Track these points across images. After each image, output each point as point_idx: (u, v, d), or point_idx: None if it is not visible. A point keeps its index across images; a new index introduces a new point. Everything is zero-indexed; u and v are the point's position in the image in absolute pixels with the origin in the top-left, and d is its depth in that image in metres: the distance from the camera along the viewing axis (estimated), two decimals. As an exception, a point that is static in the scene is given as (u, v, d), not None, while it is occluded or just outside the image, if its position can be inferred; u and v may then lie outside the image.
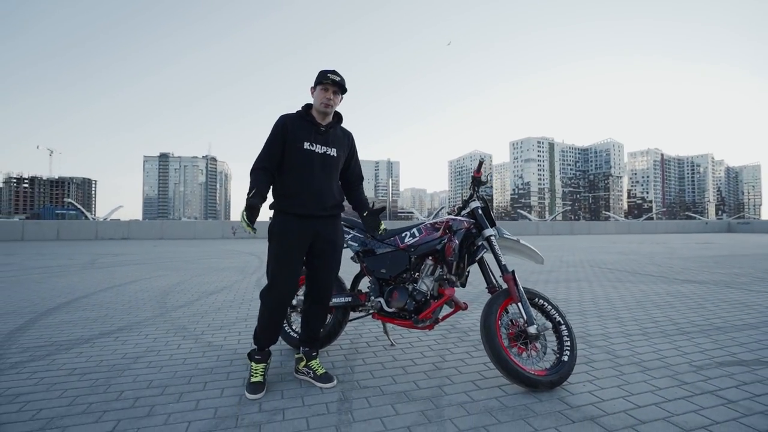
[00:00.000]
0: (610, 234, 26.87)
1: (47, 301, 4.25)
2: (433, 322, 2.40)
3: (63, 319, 3.47)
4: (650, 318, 3.53)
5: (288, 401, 1.92)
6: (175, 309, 3.90)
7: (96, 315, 3.64)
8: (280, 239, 2.12)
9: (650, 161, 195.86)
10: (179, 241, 15.76)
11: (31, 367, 2.34)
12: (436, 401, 1.92)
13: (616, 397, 1.95)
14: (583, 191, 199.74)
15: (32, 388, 2.04)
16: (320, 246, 2.18)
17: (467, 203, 2.49)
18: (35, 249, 11.58)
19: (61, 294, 4.64)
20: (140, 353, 2.59)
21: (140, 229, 18.96)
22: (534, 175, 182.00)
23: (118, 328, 3.19)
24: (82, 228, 18.10)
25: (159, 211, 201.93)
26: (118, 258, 9.06)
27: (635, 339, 2.92)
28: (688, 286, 5.17)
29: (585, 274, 6.52)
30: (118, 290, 4.92)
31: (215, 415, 1.77)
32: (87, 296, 4.53)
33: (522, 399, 1.94)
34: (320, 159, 2.16)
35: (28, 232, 16.91)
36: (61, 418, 1.74)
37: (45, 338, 2.91)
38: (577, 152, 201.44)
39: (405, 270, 2.45)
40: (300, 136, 2.13)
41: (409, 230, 2.52)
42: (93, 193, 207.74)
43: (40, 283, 5.41)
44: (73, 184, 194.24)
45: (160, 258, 9.08)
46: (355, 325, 3.30)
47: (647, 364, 2.42)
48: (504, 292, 2.23)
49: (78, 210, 40.14)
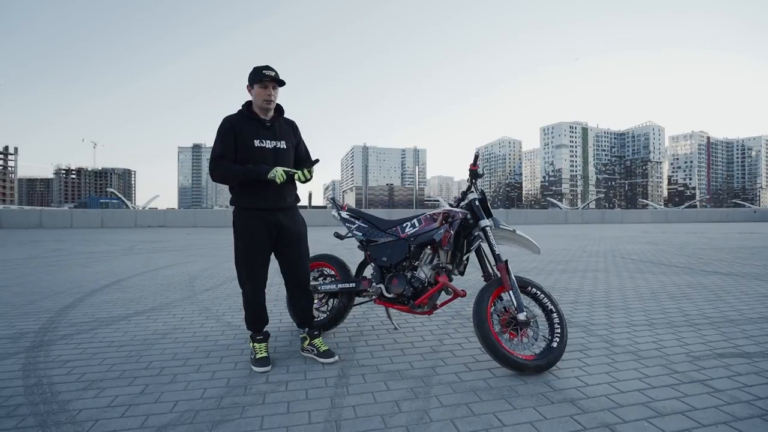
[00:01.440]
0: (644, 223, 25.73)
1: (91, 283, 4.71)
2: (431, 308, 2.54)
3: (104, 299, 3.86)
4: (661, 309, 3.51)
5: (292, 375, 2.13)
6: (202, 292, 4.23)
7: (132, 296, 4.02)
8: (246, 234, 2.25)
9: (694, 145, 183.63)
10: (211, 229, 16.57)
11: (77, 339, 2.68)
12: (427, 380, 2.07)
13: (601, 383, 2.03)
14: (619, 178, 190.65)
15: (78, 356, 2.37)
16: (286, 237, 2.32)
17: (465, 195, 2.58)
18: (82, 236, 12.57)
19: (103, 277, 5.12)
20: (168, 330, 2.89)
21: (175, 218, 20.03)
22: (566, 162, 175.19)
23: (150, 308, 3.54)
24: (123, 217, 19.35)
25: (193, 200, 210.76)
26: (154, 245, 9.71)
27: (638, 329, 2.94)
28: (712, 278, 5.02)
29: (605, 264, 6.41)
30: (152, 274, 5.36)
31: (227, 384, 2.01)
32: (125, 279, 4.97)
33: (508, 381, 2.06)
34: (272, 154, 2.25)
35: (76, 220, 18.27)
36: (100, 381, 2.03)
37: (89, 315, 3.29)
38: (612, 137, 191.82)
39: (405, 258, 2.59)
40: (249, 135, 2.21)
41: (410, 221, 2.65)
42: (133, 183, 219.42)
43: (85, 267, 5.95)
44: (115, 174, 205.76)
45: (192, 245, 9.65)
46: (363, 309, 3.49)
47: (643, 353, 2.46)
48: (497, 281, 2.33)
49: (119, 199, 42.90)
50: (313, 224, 16.20)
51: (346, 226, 2.85)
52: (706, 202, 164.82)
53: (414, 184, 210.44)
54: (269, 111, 2.29)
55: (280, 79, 2.22)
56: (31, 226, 17.42)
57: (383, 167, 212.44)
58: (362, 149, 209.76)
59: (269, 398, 1.87)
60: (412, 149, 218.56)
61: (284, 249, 2.36)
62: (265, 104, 2.23)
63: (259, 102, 2.24)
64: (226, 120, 2.24)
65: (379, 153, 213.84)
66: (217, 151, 2.21)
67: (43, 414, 1.71)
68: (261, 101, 2.23)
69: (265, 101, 2.22)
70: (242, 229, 2.27)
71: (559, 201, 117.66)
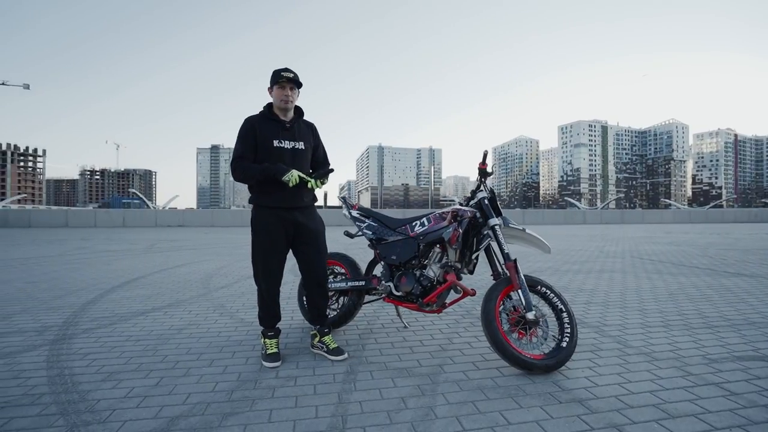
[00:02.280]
0: (666, 223, 24.98)
1: (112, 280, 4.89)
2: (440, 306, 2.55)
3: (124, 296, 4.00)
4: (678, 311, 3.42)
5: (301, 371, 2.17)
6: (217, 290, 4.33)
7: (150, 293, 4.15)
8: (263, 232, 2.31)
9: (720, 143, 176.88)
10: (228, 229, 16.89)
11: (97, 333, 2.79)
12: (434, 378, 2.08)
13: (611, 384, 2.00)
14: (640, 177, 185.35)
15: (98, 349, 2.46)
16: (304, 235, 2.38)
17: (475, 194, 2.57)
18: (105, 234, 13.00)
19: (124, 274, 5.29)
20: (183, 326, 2.98)
21: (194, 217, 20.49)
22: (584, 161, 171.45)
23: (167, 305, 3.65)
24: (144, 216, 19.91)
25: (211, 200, 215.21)
26: (173, 244, 9.97)
27: (653, 331, 2.87)
28: (735, 280, 4.85)
29: (622, 264, 6.27)
30: (170, 272, 5.51)
31: (238, 378, 2.06)
32: (144, 276, 5.13)
33: (516, 380, 2.05)
34: (291, 154, 2.32)
35: (99, 220, 18.91)
36: (118, 373, 2.12)
37: (109, 311, 3.41)
38: (633, 135, 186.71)
39: (414, 257, 2.60)
40: (268, 135, 2.28)
41: (419, 219, 2.66)
42: (153, 183, 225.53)
43: (107, 265, 6.17)
44: (137, 175, 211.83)
45: (209, 244, 9.87)
46: (374, 308, 3.51)
47: (657, 355, 2.40)
48: (506, 279, 2.32)
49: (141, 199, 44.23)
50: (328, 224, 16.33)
51: (357, 224, 2.88)
52: (733, 202, 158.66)
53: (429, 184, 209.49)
54: (288, 112, 2.36)
55: (298, 80, 2.30)
56: (58, 225, 18.12)
57: (398, 167, 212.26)
58: (377, 149, 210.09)
59: (278, 392, 1.91)
60: (427, 149, 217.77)
61: (302, 247, 2.41)
62: (283, 104, 2.31)
63: (277, 103, 2.32)
64: (247, 121, 2.33)
65: (394, 153, 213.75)
66: (238, 151, 2.29)
67: (64, 403, 1.79)
68: (279, 102, 2.31)
69: (282, 101, 2.30)
70: (259, 226, 2.32)
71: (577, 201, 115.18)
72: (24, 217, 18.56)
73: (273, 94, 2.33)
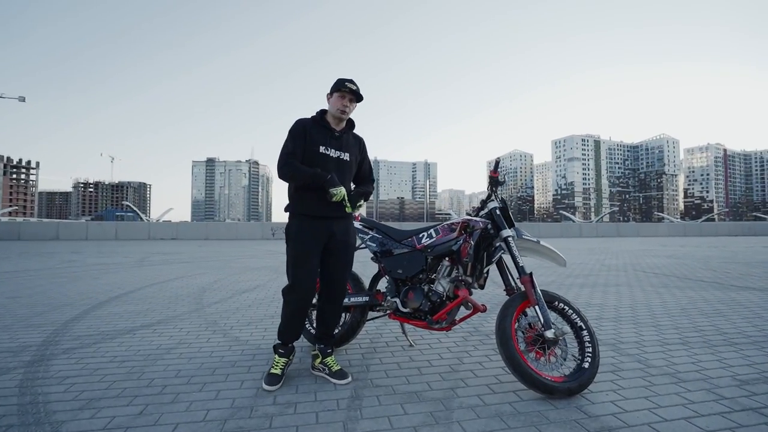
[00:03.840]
0: (661, 236, 25.04)
1: (100, 294, 4.66)
2: (450, 324, 2.39)
3: (111, 312, 3.78)
4: (694, 327, 3.27)
5: (301, 396, 1.98)
6: (210, 305, 4.13)
7: (140, 309, 3.94)
8: (298, 241, 2.21)
9: (710, 157, 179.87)
10: (222, 242, 16.63)
11: (79, 353, 2.58)
12: (447, 403, 1.90)
13: (640, 409, 1.84)
14: (633, 191, 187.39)
15: (78, 372, 2.26)
16: (334, 246, 2.27)
17: (485, 204, 2.44)
18: (97, 247, 12.70)
19: (113, 289, 5.06)
20: (173, 345, 2.78)
21: (188, 230, 20.20)
22: (578, 175, 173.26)
23: (157, 321, 3.44)
24: (137, 229, 19.59)
25: (206, 213, 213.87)
26: (166, 257, 9.71)
27: (673, 348, 2.72)
28: (746, 294, 4.73)
29: (627, 278, 6.14)
30: (161, 286, 5.29)
31: (232, 405, 1.87)
32: (134, 291, 4.91)
33: (536, 405, 1.88)
34: (335, 163, 2.25)
35: (91, 233, 18.57)
36: (99, 399, 1.91)
37: (94, 328, 3.20)
38: (625, 149, 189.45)
39: (421, 270, 2.44)
40: (316, 140, 2.22)
41: (426, 231, 2.52)
42: (148, 196, 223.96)
43: (96, 279, 5.93)
44: (131, 188, 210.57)
45: (203, 257, 9.63)
46: (376, 324, 3.33)
47: (683, 375, 2.25)
48: (521, 295, 2.17)
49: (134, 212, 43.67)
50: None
51: (360, 236, 2.73)
52: (725, 216, 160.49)
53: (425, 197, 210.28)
54: (341, 122, 2.31)
55: (359, 94, 2.26)
56: (49, 238, 17.75)
57: (394, 181, 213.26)
58: (373, 163, 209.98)
59: (276, 421, 1.72)
60: (423, 162, 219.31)
61: (329, 258, 2.29)
62: (339, 113, 2.25)
63: (334, 111, 2.26)
64: (300, 122, 2.27)
65: (390, 166, 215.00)
66: (288, 148, 2.21)
67: (35, 436, 1.59)
68: (336, 110, 2.25)
69: (339, 110, 2.25)
70: (294, 233, 2.23)
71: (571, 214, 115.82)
72: (13, 230, 18.18)
73: (331, 101, 2.28)
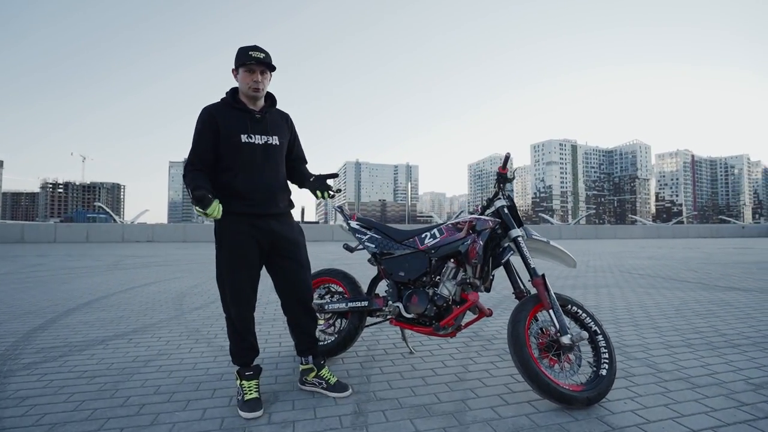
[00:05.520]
0: (637, 238, 25.79)
1: (68, 301, 4.30)
2: (455, 329, 2.24)
3: (81, 320, 3.47)
4: (693, 328, 3.24)
5: (299, 413, 1.79)
6: (191, 311, 3.86)
7: (113, 316, 3.63)
8: (230, 243, 1.88)
9: (680, 163, 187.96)
10: (201, 244, 16.07)
11: (42, 369, 2.30)
12: (460, 417, 1.75)
13: (664, 418, 1.73)
14: (608, 194, 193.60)
15: (41, 391, 1.99)
16: (282, 246, 1.97)
17: (492, 202, 2.31)
18: (66, 251, 11.99)
19: (83, 294, 4.70)
20: (151, 356, 2.52)
21: (164, 232, 19.45)
22: (556, 178, 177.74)
23: (132, 330, 3.16)
24: (110, 231, 18.70)
25: (183, 215, 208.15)
26: (141, 260, 9.23)
27: (678, 351, 2.66)
28: (732, 294, 4.79)
29: (615, 279, 6.17)
30: (137, 291, 4.95)
31: (221, 426, 1.66)
32: (107, 297, 4.56)
33: (555, 417, 1.75)
34: (262, 151, 1.91)
35: (60, 235, 17.60)
36: (64, 424, 1.66)
37: (60, 339, 2.90)
38: (601, 154, 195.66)
39: (425, 273, 2.29)
40: (235, 128, 1.86)
41: (429, 231, 2.37)
42: (122, 198, 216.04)
43: (64, 284, 5.51)
44: (104, 189, 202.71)
45: (181, 260, 9.20)
46: (371, 330, 3.16)
47: (696, 380, 2.17)
48: (533, 298, 2.04)
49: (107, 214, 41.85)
50: (307, 239, 15.76)
51: (357, 237, 2.55)
52: (693, 219, 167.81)
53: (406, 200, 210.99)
54: (258, 100, 1.94)
55: (270, 62, 1.87)
56: (12, 241, 16.70)
57: (376, 183, 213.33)
58: (355, 165, 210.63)
59: (273, 444, 1.53)
60: (404, 165, 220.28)
61: (281, 261, 1.99)
62: (252, 92, 1.89)
63: (245, 89, 1.90)
64: (206, 111, 1.88)
65: (371, 169, 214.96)
66: (189, 161, 1.86)
67: (-15, 471, 1.35)
68: (247, 88, 1.88)
69: (251, 88, 1.87)
70: (226, 237, 1.88)
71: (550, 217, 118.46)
72: (-28, 232, 17.02)
73: (239, 78, 1.89)
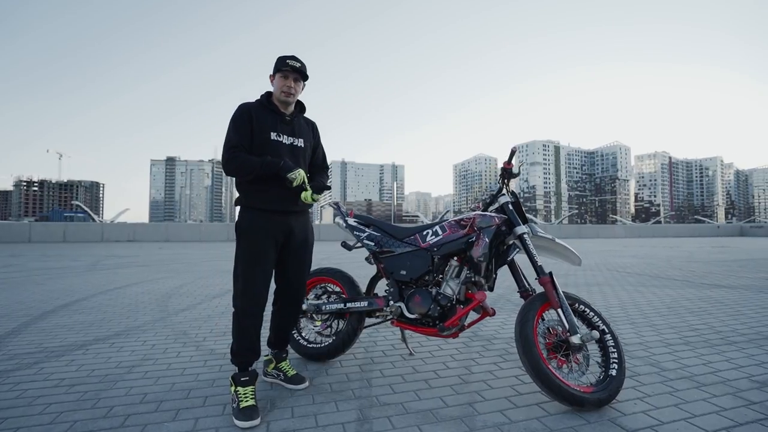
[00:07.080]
0: (619, 238, 26.37)
1: (44, 303, 4.06)
2: (458, 330, 2.17)
3: (58, 323, 3.26)
4: (688, 326, 3.25)
5: (299, 421, 1.68)
6: (177, 313, 3.68)
7: (93, 318, 3.43)
8: (252, 237, 1.93)
9: (658, 164, 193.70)
10: (184, 244, 15.65)
11: (15, 377, 2.12)
12: (469, 422, 1.67)
13: (676, 419, 1.70)
14: (590, 195, 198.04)
15: (12, 402, 1.82)
16: (292, 243, 2.05)
17: (496, 197, 2.24)
18: (41, 250, 11.48)
19: (60, 296, 4.45)
20: (136, 362, 2.37)
21: (146, 232, 18.87)
22: (539, 179, 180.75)
23: (115, 333, 2.98)
24: (88, 230, 18.04)
25: (165, 214, 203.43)
26: (122, 260, 8.90)
27: (678, 349, 2.65)
28: (719, 291, 4.87)
29: (604, 278, 6.22)
30: (118, 293, 4.72)
31: (216, 438, 1.54)
32: (86, 298, 4.33)
33: (567, 420, 1.69)
34: (289, 151, 2.02)
35: (35, 234, 16.87)
36: (40, 439, 1.51)
37: (35, 344, 2.71)
38: (583, 155, 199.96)
39: (427, 272, 2.21)
40: (266, 126, 1.98)
41: (431, 228, 2.29)
42: (101, 197, 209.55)
43: (39, 285, 5.23)
44: (82, 187, 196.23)
45: (163, 260, 8.90)
46: (368, 332, 3.06)
47: (700, 378, 2.15)
48: (540, 297, 1.99)
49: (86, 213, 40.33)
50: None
51: (355, 234, 2.45)
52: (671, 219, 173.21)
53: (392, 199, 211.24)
54: (289, 105, 2.06)
55: (304, 72, 2.02)
56: (-18, 241, 15.92)
57: (361, 182, 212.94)
58: (340, 164, 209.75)
59: (273, 457, 1.42)
60: (390, 165, 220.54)
61: (286, 257, 2.05)
62: (284, 96, 2.01)
63: (277, 94, 2.03)
64: (243, 107, 1.99)
65: (357, 168, 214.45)
66: (232, 140, 1.92)
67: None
68: (280, 93, 2.02)
69: (284, 93, 2.01)
70: (245, 230, 1.94)
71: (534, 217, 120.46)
72: (-61, 232, 16.17)
73: (274, 83, 2.04)
